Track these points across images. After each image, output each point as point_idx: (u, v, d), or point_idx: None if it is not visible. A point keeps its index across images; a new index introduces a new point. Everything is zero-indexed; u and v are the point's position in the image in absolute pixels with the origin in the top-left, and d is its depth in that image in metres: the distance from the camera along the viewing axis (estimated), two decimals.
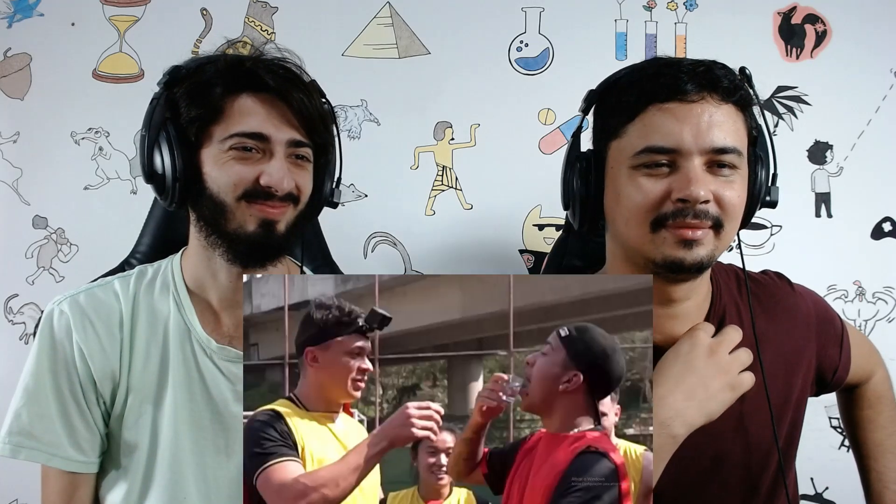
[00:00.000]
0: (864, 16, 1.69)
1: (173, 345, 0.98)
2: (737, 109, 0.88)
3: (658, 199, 0.85)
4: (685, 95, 0.85)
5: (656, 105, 0.86)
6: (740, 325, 0.97)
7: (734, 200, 0.86)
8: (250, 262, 0.95)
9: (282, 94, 0.92)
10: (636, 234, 0.88)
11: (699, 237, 0.85)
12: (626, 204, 0.88)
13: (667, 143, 0.84)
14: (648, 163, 0.86)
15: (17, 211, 1.70)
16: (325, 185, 1.02)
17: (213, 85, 0.91)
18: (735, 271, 1.04)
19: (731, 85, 0.87)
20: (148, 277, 1.03)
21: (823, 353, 1.04)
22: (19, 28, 1.71)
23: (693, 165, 0.84)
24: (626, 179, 0.88)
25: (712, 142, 0.84)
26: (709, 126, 0.84)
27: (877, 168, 1.69)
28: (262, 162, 0.91)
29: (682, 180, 0.84)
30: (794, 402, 1.00)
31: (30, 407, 0.95)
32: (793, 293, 1.06)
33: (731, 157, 0.85)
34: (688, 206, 0.84)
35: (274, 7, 1.71)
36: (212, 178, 0.91)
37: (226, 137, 0.90)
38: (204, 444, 0.97)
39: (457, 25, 1.71)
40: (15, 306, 1.71)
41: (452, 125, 1.71)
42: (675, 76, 0.85)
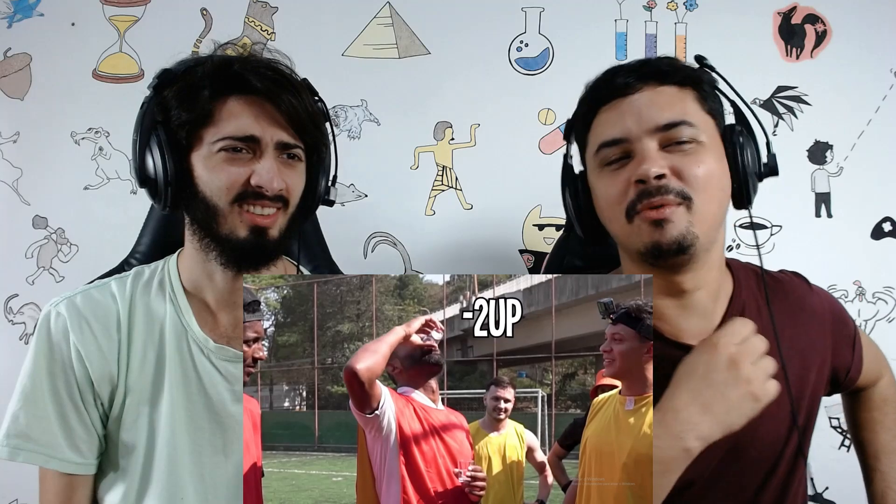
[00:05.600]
0: (864, 16, 1.69)
1: (170, 345, 0.98)
2: (683, 88, 0.91)
3: (622, 188, 0.89)
4: (623, 90, 0.90)
5: (603, 108, 0.93)
6: (760, 319, 0.96)
7: (696, 171, 0.87)
8: (243, 265, 0.95)
9: (269, 95, 0.92)
10: (618, 228, 0.92)
11: (667, 215, 0.86)
12: (603, 202, 0.93)
13: (614, 135, 0.90)
14: (607, 159, 0.91)
15: (17, 211, 1.71)
16: (320, 184, 1.02)
17: (201, 88, 0.91)
18: (754, 269, 1.05)
19: (670, 68, 0.91)
20: (145, 278, 1.03)
21: (837, 353, 1.05)
22: (19, 28, 1.71)
23: (644, 147, 0.88)
24: (597, 180, 0.94)
25: (655, 121, 0.87)
26: (649, 108, 0.88)
27: (877, 168, 1.69)
28: (253, 162, 0.91)
29: (636, 164, 0.88)
30: (807, 398, 1.00)
31: (27, 409, 0.95)
32: (811, 292, 1.07)
33: (683, 130, 0.87)
34: (647, 187, 0.86)
35: (274, 7, 1.71)
36: (203, 181, 0.92)
37: (215, 140, 0.91)
38: (201, 443, 0.97)
39: (457, 25, 1.71)
40: (15, 306, 1.71)
41: (452, 125, 1.71)
42: (613, 78, 0.92)
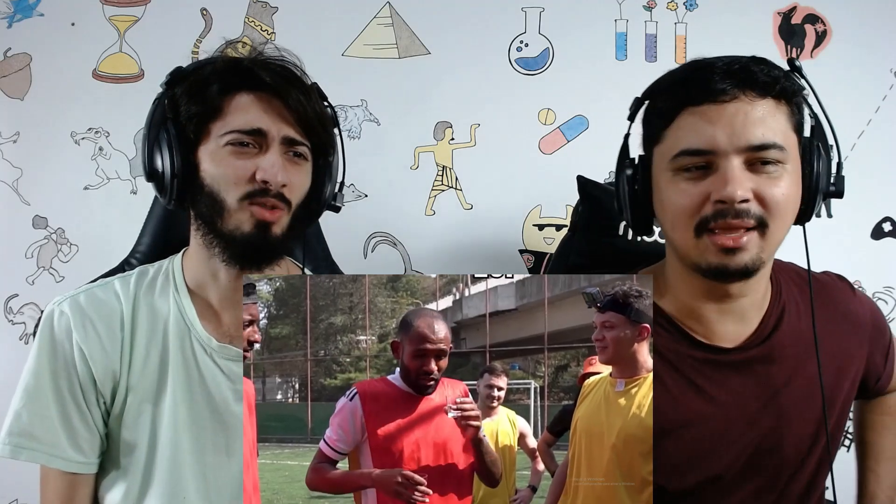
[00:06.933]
0: (864, 16, 1.69)
1: (173, 344, 0.98)
2: (778, 102, 0.86)
3: (698, 202, 0.85)
4: (716, 96, 0.84)
5: (689, 108, 0.86)
6: (799, 324, 0.97)
7: (778, 198, 0.84)
8: (246, 263, 0.95)
9: (279, 91, 0.92)
10: (681, 238, 0.89)
11: (742, 244, 0.84)
12: (670, 208, 0.89)
13: (700, 145, 0.84)
14: (685, 166, 0.86)
15: (17, 211, 1.70)
16: (326, 188, 1.02)
17: (210, 83, 0.92)
18: (797, 270, 1.03)
19: (769, 78, 0.86)
20: (149, 277, 1.03)
21: (871, 361, 1.04)
22: (19, 28, 1.71)
23: (731, 165, 0.83)
24: (668, 184, 0.88)
25: (748, 140, 0.83)
26: (744, 124, 0.83)
27: (877, 168, 1.69)
28: (259, 156, 0.91)
29: (720, 181, 0.83)
30: (839, 404, 1.00)
31: (30, 408, 0.95)
32: (853, 297, 1.05)
33: (772, 153, 0.84)
34: (727, 207, 0.83)
35: (274, 7, 1.71)
36: (209, 175, 0.91)
37: (223, 133, 0.91)
38: (204, 443, 0.97)
39: (457, 25, 1.71)
40: (15, 306, 1.71)
41: (452, 125, 1.72)
42: (707, 78, 0.85)
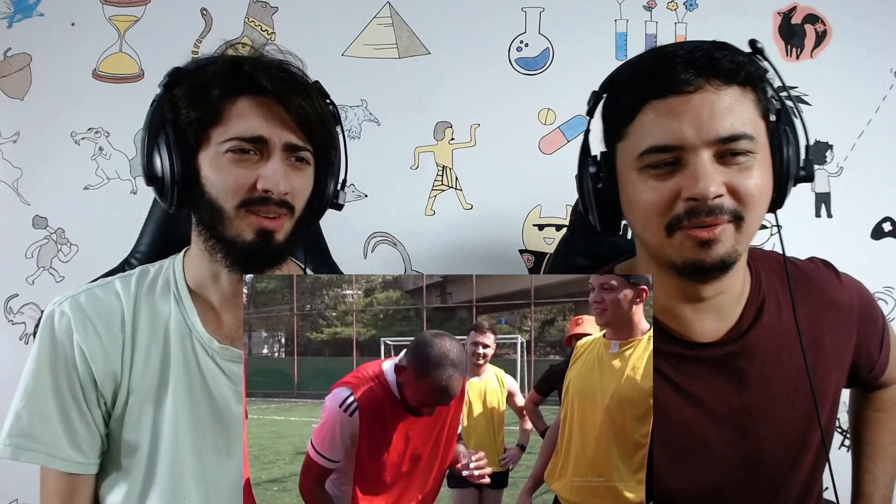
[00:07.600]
0: (864, 16, 1.69)
1: (174, 345, 0.98)
2: (744, 89, 0.82)
3: (668, 199, 0.81)
4: (680, 87, 0.79)
5: (652, 102, 0.81)
6: (780, 316, 0.93)
7: (752, 189, 0.80)
8: (249, 268, 0.95)
9: (279, 97, 0.91)
10: (653, 237, 0.85)
11: (716, 235, 0.80)
12: (638, 208, 0.84)
13: (667, 141, 0.80)
14: (653, 164, 0.82)
15: (17, 211, 1.70)
16: (328, 187, 1.02)
17: (211, 87, 0.91)
18: (778, 259, 0.98)
19: (734, 65, 0.81)
20: (150, 277, 1.03)
21: (862, 350, 1.00)
22: (19, 28, 1.71)
23: (700, 160, 0.79)
24: (635, 182, 0.84)
25: (717, 132, 0.78)
26: (711, 116, 0.78)
27: (877, 168, 1.69)
28: (260, 164, 0.90)
29: (690, 177, 0.79)
30: (830, 397, 0.97)
31: (30, 408, 0.95)
32: (839, 284, 1.00)
33: (742, 144, 0.79)
34: (699, 205, 0.79)
35: (274, 7, 1.71)
36: (210, 182, 0.91)
37: (223, 140, 0.90)
38: (204, 444, 0.97)
39: (457, 25, 1.71)
40: (15, 306, 1.71)
41: (452, 125, 1.71)
42: (669, 68, 0.80)
